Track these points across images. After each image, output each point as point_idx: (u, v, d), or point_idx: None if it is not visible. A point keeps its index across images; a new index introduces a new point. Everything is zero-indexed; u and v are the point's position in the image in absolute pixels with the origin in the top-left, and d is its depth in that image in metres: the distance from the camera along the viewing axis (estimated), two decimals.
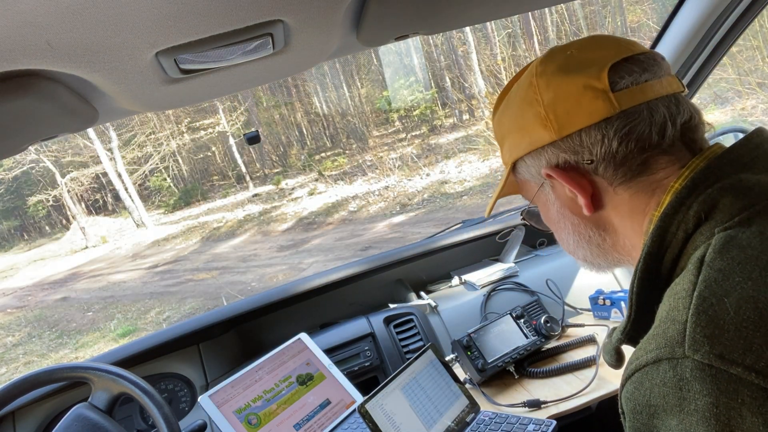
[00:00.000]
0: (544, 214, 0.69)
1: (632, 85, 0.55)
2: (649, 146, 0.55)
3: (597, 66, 0.56)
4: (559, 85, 0.57)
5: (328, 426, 1.23)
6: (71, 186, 17.49)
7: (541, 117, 0.58)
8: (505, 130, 0.65)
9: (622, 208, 0.58)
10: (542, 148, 0.60)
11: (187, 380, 1.47)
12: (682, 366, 0.43)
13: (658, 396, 0.45)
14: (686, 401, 0.42)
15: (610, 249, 0.63)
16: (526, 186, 0.68)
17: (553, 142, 0.58)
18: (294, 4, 0.65)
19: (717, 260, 0.46)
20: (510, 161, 0.66)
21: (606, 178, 0.57)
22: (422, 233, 7.50)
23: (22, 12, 0.51)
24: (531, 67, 0.62)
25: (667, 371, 0.44)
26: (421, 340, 1.47)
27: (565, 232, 0.65)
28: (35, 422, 1.36)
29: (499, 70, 10.87)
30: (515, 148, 0.64)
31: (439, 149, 12.15)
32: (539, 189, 0.65)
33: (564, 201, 0.62)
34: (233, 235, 12.34)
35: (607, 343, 0.58)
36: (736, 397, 0.40)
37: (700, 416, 0.41)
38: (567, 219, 0.64)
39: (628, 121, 0.55)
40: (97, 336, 7.54)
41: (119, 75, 0.72)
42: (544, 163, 0.60)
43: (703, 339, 0.43)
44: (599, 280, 1.60)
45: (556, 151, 0.59)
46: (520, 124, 0.61)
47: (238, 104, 16.50)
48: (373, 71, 15.81)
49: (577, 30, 11.57)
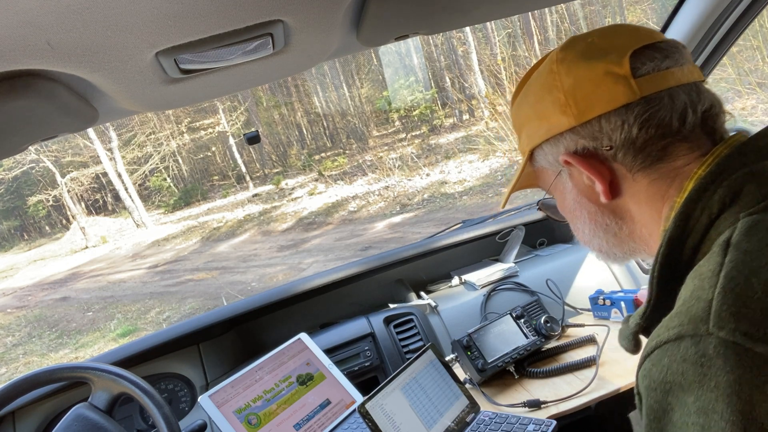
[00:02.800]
0: (560, 203, 0.68)
1: (654, 71, 0.55)
2: (670, 133, 0.55)
3: (618, 52, 0.56)
4: (579, 71, 0.57)
5: (328, 426, 1.23)
6: (71, 186, 17.50)
7: (561, 103, 0.58)
8: (524, 118, 0.65)
9: (641, 195, 0.58)
10: (561, 135, 0.60)
11: (187, 380, 1.47)
12: (705, 342, 0.43)
13: (677, 372, 0.44)
14: (707, 377, 0.42)
15: (626, 238, 0.63)
16: (543, 175, 0.68)
17: (572, 128, 0.58)
18: (294, 4, 0.65)
19: (744, 242, 0.46)
20: (528, 149, 0.65)
21: (625, 164, 0.57)
22: (422, 233, 7.50)
23: (22, 12, 0.51)
24: (551, 55, 0.62)
25: (689, 348, 0.44)
26: (421, 340, 1.47)
27: (581, 221, 0.65)
28: (35, 422, 1.36)
29: (499, 70, 10.86)
30: (533, 135, 0.63)
31: (439, 149, 12.15)
32: (556, 177, 0.65)
33: (581, 189, 0.62)
34: (233, 235, 12.34)
35: (624, 329, 0.58)
36: (760, 375, 0.40)
37: (720, 393, 0.41)
38: (584, 207, 0.63)
39: (648, 107, 0.55)
40: (97, 336, 7.54)
41: (119, 75, 0.72)
42: (562, 149, 0.60)
43: (729, 316, 0.42)
44: (599, 280, 1.60)
45: (574, 138, 0.59)
46: (539, 110, 0.61)
47: (238, 104, 16.50)
48: (373, 71, 15.81)
49: (577, 30, 11.57)
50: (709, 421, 0.41)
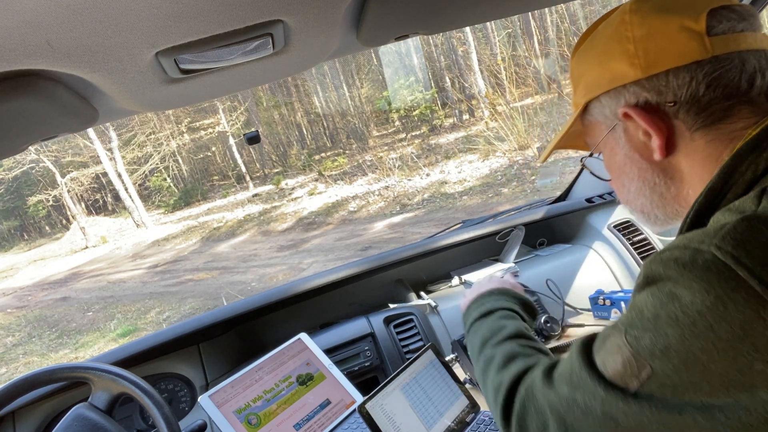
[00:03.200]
0: (608, 159, 0.67)
1: (729, 32, 0.55)
2: (736, 94, 0.55)
3: (696, 9, 0.56)
4: (653, 23, 0.57)
5: (328, 426, 1.23)
6: (71, 186, 17.50)
7: (629, 54, 0.58)
8: (585, 68, 0.64)
9: (696, 155, 0.58)
10: (624, 87, 0.59)
11: (187, 380, 1.47)
12: (701, 254, 0.45)
13: (662, 265, 0.48)
14: (682, 278, 0.45)
15: (671, 200, 0.63)
16: (593, 130, 0.67)
17: (637, 81, 0.58)
18: (294, 4, 0.65)
19: None
20: (584, 101, 0.64)
21: (685, 122, 0.57)
22: (422, 233, 7.50)
23: (22, 12, 0.51)
24: (623, 6, 0.61)
25: (686, 253, 0.46)
26: (421, 340, 1.47)
27: (628, 177, 0.64)
28: (35, 422, 1.36)
29: (499, 70, 10.87)
30: (593, 85, 0.62)
31: (439, 149, 12.14)
32: (609, 132, 0.64)
33: (634, 144, 0.61)
34: (233, 235, 12.35)
35: None
36: (730, 292, 0.42)
37: (689, 302, 0.44)
38: (635, 164, 0.62)
39: (719, 66, 0.54)
40: (97, 336, 7.54)
41: (119, 75, 0.72)
42: (622, 102, 0.60)
43: (733, 242, 0.44)
44: (599, 280, 1.60)
45: (638, 90, 0.58)
46: (603, 60, 0.61)
47: (238, 104, 16.51)
48: (373, 71, 15.81)
49: (577, 30, 11.57)
50: (671, 306, 0.46)
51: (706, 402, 0.44)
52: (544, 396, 0.58)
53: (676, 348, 0.45)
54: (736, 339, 0.42)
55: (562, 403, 0.55)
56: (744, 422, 0.43)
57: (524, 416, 0.61)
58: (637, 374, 0.48)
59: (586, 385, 0.52)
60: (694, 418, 0.45)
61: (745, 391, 0.43)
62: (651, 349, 0.47)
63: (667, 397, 0.46)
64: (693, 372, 0.44)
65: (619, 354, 0.49)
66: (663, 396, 0.46)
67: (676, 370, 0.45)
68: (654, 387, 0.47)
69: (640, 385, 0.47)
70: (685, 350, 0.44)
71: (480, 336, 0.83)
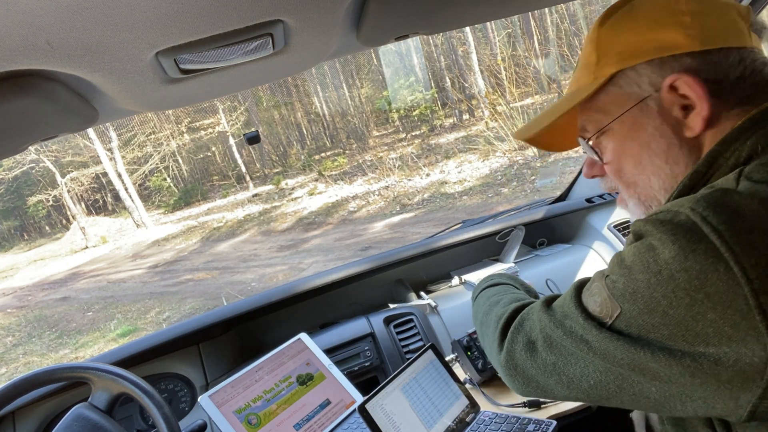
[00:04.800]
0: (626, 134, 0.64)
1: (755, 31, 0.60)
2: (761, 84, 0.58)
3: (741, 1, 0.62)
4: (709, 2, 0.59)
5: (328, 426, 1.23)
6: (71, 186, 17.49)
7: (685, 25, 0.58)
8: (623, 35, 0.62)
9: (721, 135, 0.58)
10: (674, 57, 0.58)
11: (187, 380, 1.47)
12: (678, 215, 0.50)
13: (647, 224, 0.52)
14: (658, 232, 0.50)
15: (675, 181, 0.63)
16: (612, 102, 0.64)
17: (690, 53, 0.58)
18: (294, 4, 0.65)
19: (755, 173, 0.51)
20: (615, 69, 0.62)
21: (726, 101, 0.58)
22: (422, 233, 7.50)
23: (22, 12, 0.51)
24: None
25: (667, 215, 0.51)
26: (421, 340, 1.47)
27: (652, 154, 0.62)
28: (35, 422, 1.36)
29: (499, 70, 10.87)
30: (633, 53, 0.60)
31: (439, 149, 12.14)
32: (637, 104, 0.62)
33: (668, 118, 0.60)
34: (233, 235, 12.34)
35: None
36: (693, 245, 0.47)
37: (657, 242, 0.50)
38: (665, 139, 0.61)
39: (757, 56, 0.59)
40: (97, 336, 7.54)
41: (119, 75, 0.72)
42: (668, 71, 0.59)
43: (708, 206, 0.48)
44: None
45: (690, 62, 0.58)
46: (651, 28, 0.60)
47: (238, 104, 16.50)
48: (373, 71, 15.80)
49: (577, 30, 11.56)
50: (646, 256, 0.51)
51: (666, 345, 0.49)
52: (538, 317, 0.66)
53: (642, 292, 0.51)
54: (692, 288, 0.47)
55: (551, 325, 0.62)
56: (693, 371, 0.48)
57: (517, 332, 0.70)
58: (610, 313, 0.54)
59: (573, 314, 0.59)
60: (653, 354, 0.50)
61: (700, 343, 0.47)
62: (622, 292, 0.53)
63: (633, 334, 0.52)
64: (654, 315, 0.50)
65: (599, 295, 0.56)
66: (629, 333, 0.53)
67: (640, 312, 0.51)
68: (622, 325, 0.53)
69: (612, 321, 0.54)
70: (649, 295, 0.50)
71: (486, 296, 0.91)
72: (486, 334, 0.81)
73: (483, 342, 0.84)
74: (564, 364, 0.61)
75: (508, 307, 0.77)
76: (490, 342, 0.77)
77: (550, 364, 0.62)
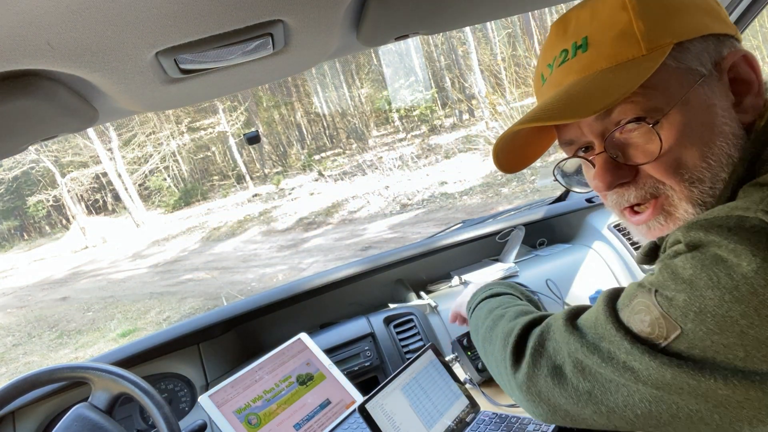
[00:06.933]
0: (688, 115, 0.54)
1: None
2: None
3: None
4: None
5: (328, 426, 1.23)
6: (71, 186, 17.50)
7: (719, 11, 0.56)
8: (671, 6, 0.54)
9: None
10: (727, 36, 0.55)
11: (187, 380, 1.47)
12: (747, 220, 0.45)
13: (703, 231, 0.47)
14: (727, 242, 0.45)
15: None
16: (673, 78, 0.54)
17: (735, 36, 0.56)
18: (294, 4, 0.65)
19: None
20: (678, 40, 0.53)
21: None
22: (422, 233, 7.49)
23: (22, 12, 0.51)
24: None
25: (730, 220, 0.46)
26: (421, 340, 1.47)
27: (720, 137, 0.54)
28: (35, 422, 1.36)
29: (499, 70, 10.87)
30: (696, 25, 0.54)
31: (439, 149, 12.15)
32: (698, 82, 0.54)
33: (727, 101, 0.55)
34: (233, 235, 12.34)
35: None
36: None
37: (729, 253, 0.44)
38: (733, 120, 0.54)
39: None
40: (97, 336, 7.54)
41: (119, 75, 0.72)
42: (726, 49, 0.55)
43: None
44: (599, 280, 1.60)
45: (738, 45, 0.55)
46: (697, 5, 0.55)
47: (238, 104, 16.51)
48: (373, 71, 15.81)
49: None
50: (714, 269, 0.45)
51: (740, 367, 0.44)
52: (563, 338, 0.57)
53: (711, 311, 0.44)
54: None
55: (584, 348, 0.54)
56: None
57: (538, 355, 0.60)
58: (665, 335, 0.47)
59: (612, 336, 0.52)
60: (718, 380, 0.44)
61: None
62: (684, 311, 0.46)
63: (695, 357, 0.46)
64: (728, 335, 0.43)
65: (647, 314, 0.49)
66: (690, 355, 0.46)
67: (709, 333, 0.44)
68: (682, 346, 0.46)
69: (667, 344, 0.47)
70: (722, 314, 0.43)
71: (487, 308, 0.82)
72: (491, 352, 0.73)
73: (486, 360, 0.76)
74: (602, 392, 0.53)
75: (516, 322, 0.69)
76: (498, 361, 0.70)
77: (584, 392, 0.55)
